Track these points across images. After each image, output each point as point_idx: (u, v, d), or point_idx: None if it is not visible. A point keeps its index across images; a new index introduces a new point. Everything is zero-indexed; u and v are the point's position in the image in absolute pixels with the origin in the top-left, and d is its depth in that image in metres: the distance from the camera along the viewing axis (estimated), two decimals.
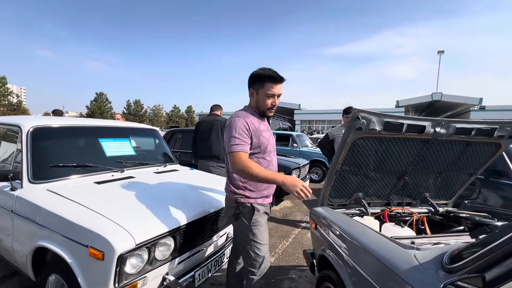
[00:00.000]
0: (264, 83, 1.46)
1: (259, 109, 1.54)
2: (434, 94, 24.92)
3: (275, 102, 1.51)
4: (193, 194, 2.05)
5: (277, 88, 1.47)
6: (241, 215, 1.50)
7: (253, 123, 1.48)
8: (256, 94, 1.50)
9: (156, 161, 2.79)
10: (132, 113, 42.92)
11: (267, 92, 1.46)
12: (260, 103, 1.51)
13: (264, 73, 1.45)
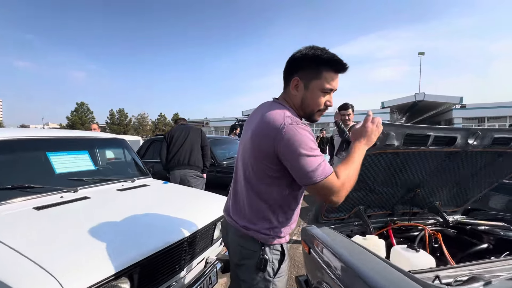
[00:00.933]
0: (321, 71, 0.93)
1: (304, 110, 1.00)
2: (417, 94, 25.49)
3: (331, 102, 0.99)
4: (161, 215, 1.69)
5: (337, 81, 0.97)
6: (268, 264, 0.99)
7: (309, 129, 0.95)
8: (305, 88, 0.96)
9: (123, 175, 2.41)
10: (116, 122, 41.61)
11: (324, 86, 0.94)
12: (310, 101, 0.97)
13: (323, 55, 0.92)
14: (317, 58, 0.92)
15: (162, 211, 1.72)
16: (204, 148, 3.25)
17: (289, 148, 0.86)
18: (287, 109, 0.96)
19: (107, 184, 2.09)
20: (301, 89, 0.97)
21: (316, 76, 0.94)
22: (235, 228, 1.07)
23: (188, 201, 1.99)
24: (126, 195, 1.93)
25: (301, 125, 0.88)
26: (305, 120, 1.02)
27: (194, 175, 3.06)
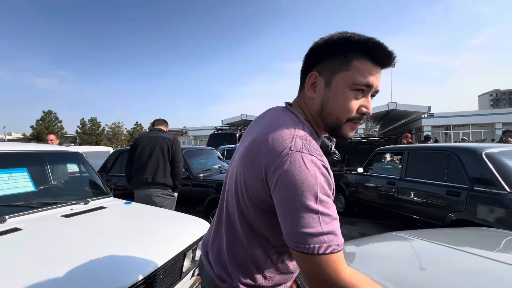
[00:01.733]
0: (350, 60, 0.62)
1: (325, 121, 0.67)
2: (389, 103, 26.79)
3: (370, 109, 0.66)
4: (113, 250, 1.35)
5: (377, 75, 0.64)
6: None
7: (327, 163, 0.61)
8: (325, 86, 0.65)
9: (75, 196, 2.03)
10: (87, 132, 39.30)
11: (356, 79, 0.62)
12: (334, 104, 0.64)
13: (354, 37, 0.61)
14: (345, 42, 0.61)
15: (115, 244, 1.38)
16: (173, 165, 2.68)
17: (285, 186, 0.55)
18: (301, 123, 0.65)
19: (51, 209, 1.71)
20: (321, 88, 0.65)
21: (343, 67, 0.62)
22: (209, 275, 0.76)
23: (151, 227, 1.66)
24: (72, 223, 1.56)
25: (315, 155, 0.57)
26: (324, 132, 0.71)
27: (161, 194, 2.59)
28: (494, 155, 2.72)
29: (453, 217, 2.83)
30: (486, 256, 1.14)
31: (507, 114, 24.58)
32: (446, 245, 1.30)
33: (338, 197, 5.25)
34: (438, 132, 25.56)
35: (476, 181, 2.70)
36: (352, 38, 0.61)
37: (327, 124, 0.67)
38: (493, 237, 1.52)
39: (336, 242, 0.53)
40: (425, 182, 3.29)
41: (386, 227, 4.32)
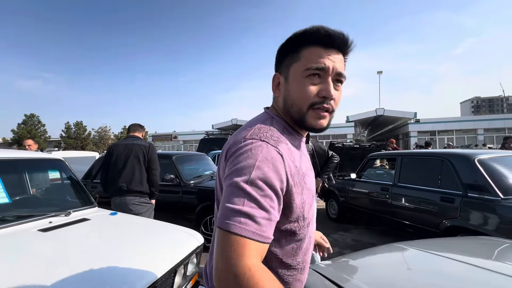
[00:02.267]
0: (300, 51, 0.63)
1: (290, 113, 0.66)
2: (377, 109, 27.41)
3: (330, 91, 0.61)
4: (94, 270, 1.21)
5: (332, 58, 0.62)
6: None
7: (293, 156, 0.62)
8: (285, 82, 0.66)
9: (55, 207, 1.87)
10: (72, 136, 38.05)
11: (309, 65, 0.61)
12: (292, 94, 0.64)
13: (298, 32, 0.64)
14: (292, 39, 0.65)
15: (97, 262, 1.24)
16: (149, 172, 2.62)
17: (230, 166, 0.56)
18: (270, 118, 0.67)
19: (27, 223, 1.56)
20: (282, 85, 0.67)
21: (295, 59, 0.64)
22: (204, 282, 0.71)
23: (139, 242, 1.53)
24: (49, 238, 1.41)
25: (269, 145, 0.57)
26: (300, 128, 0.69)
27: (137, 202, 2.52)
28: (487, 161, 2.74)
29: (447, 223, 2.82)
30: (486, 267, 1.09)
31: (488, 120, 25.65)
32: (447, 256, 1.25)
33: (331, 203, 5.21)
34: (424, 137, 26.30)
35: (469, 188, 2.71)
36: (297, 33, 0.64)
37: (293, 117, 0.67)
38: (494, 246, 1.48)
39: (252, 229, 0.49)
40: (418, 188, 3.28)
41: (379, 233, 4.30)
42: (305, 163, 0.68)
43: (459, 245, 1.56)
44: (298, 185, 0.61)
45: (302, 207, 0.62)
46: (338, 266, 1.32)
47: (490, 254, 1.36)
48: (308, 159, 0.75)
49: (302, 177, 0.63)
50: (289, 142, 0.64)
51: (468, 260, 1.20)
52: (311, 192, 0.68)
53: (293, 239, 0.64)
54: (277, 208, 0.55)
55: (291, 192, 0.58)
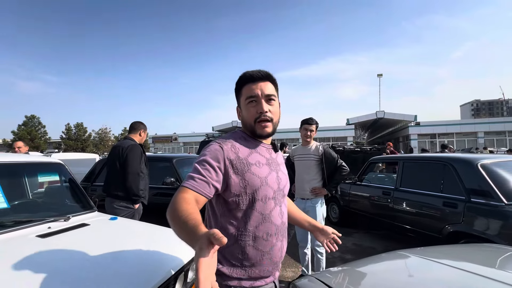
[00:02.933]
0: (241, 89, 1.01)
1: (248, 129, 1.01)
2: (378, 112, 27.41)
3: (263, 107, 0.95)
4: (92, 278, 1.18)
5: (259, 87, 0.97)
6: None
7: (237, 150, 0.94)
8: (241, 110, 1.03)
9: (55, 212, 1.85)
10: (73, 138, 38.04)
11: (247, 96, 0.98)
12: (244, 117, 1.01)
13: (240, 76, 1.02)
14: (237, 82, 1.02)
15: (97, 269, 1.22)
16: (123, 176, 2.47)
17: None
18: (234, 132, 1.03)
19: (25, 228, 1.53)
20: (240, 113, 1.04)
21: (240, 95, 1.01)
22: None
23: (138, 248, 1.50)
24: (48, 245, 1.38)
25: (219, 141, 0.95)
26: (257, 137, 1.01)
27: (116, 206, 2.50)
28: (490, 166, 2.72)
29: (450, 229, 2.79)
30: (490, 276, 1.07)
31: (488, 123, 25.62)
32: (451, 265, 1.23)
33: (332, 206, 5.18)
34: (425, 140, 26.27)
35: (472, 192, 2.69)
36: (239, 81, 1.01)
37: (250, 131, 1.00)
38: (498, 254, 1.46)
39: (190, 183, 0.84)
40: (421, 192, 3.26)
41: (380, 238, 4.27)
42: (256, 158, 0.96)
43: (463, 253, 1.54)
44: (238, 168, 0.90)
45: (243, 186, 0.90)
46: (342, 275, 1.30)
47: (493, 263, 1.34)
48: (271, 158, 1.03)
49: (246, 166, 0.92)
50: (240, 144, 0.97)
51: (471, 268, 1.18)
52: (263, 180, 0.94)
53: (238, 209, 0.93)
54: (215, 176, 0.87)
55: (227, 170, 0.90)
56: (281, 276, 2.88)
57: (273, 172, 0.98)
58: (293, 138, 29.28)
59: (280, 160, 1.09)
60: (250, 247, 0.91)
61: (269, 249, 0.94)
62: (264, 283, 0.95)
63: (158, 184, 3.68)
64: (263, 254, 0.93)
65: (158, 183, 3.66)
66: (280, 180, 1.01)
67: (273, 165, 1.01)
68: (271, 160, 1.02)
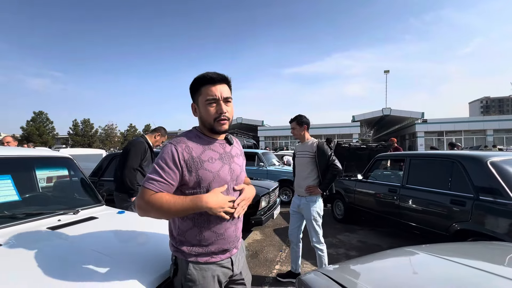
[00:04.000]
0: (200, 89, 1.10)
1: (206, 126, 1.12)
2: (384, 109, 27.07)
3: (223, 109, 1.08)
4: (102, 270, 1.21)
5: (218, 90, 1.08)
6: (178, 274, 1.09)
7: (190, 150, 1.06)
8: (198, 108, 1.13)
9: (64, 205, 1.89)
10: (80, 134, 38.58)
11: (206, 97, 1.07)
12: (203, 116, 1.11)
13: (198, 76, 1.11)
14: (195, 81, 1.11)
15: (107, 260, 1.24)
16: (122, 168, 2.57)
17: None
18: (188, 132, 1.14)
19: (37, 220, 1.57)
20: (197, 110, 1.14)
21: (199, 94, 1.10)
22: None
23: (145, 241, 1.53)
24: (58, 236, 1.42)
25: (173, 143, 1.06)
26: (211, 135, 1.13)
27: (117, 199, 2.65)
28: (499, 163, 2.67)
29: (457, 227, 2.76)
30: (499, 274, 1.06)
31: (498, 121, 25.07)
32: (459, 261, 1.22)
33: (337, 203, 5.16)
34: (431, 138, 25.88)
35: (481, 190, 2.65)
36: (196, 78, 1.10)
37: (207, 128, 1.11)
38: (507, 252, 1.43)
39: (147, 185, 1.00)
40: (428, 190, 3.22)
41: (386, 235, 4.25)
42: (209, 154, 1.08)
43: (471, 250, 1.52)
44: (191, 167, 1.03)
45: (198, 181, 1.04)
46: (347, 270, 1.30)
47: (503, 261, 1.32)
48: (224, 152, 1.14)
49: (199, 163, 1.04)
50: (193, 143, 1.08)
51: (480, 266, 1.16)
52: (215, 174, 1.06)
53: None
54: (173, 175, 1.01)
55: (183, 169, 1.03)
56: (285, 271, 2.90)
57: (225, 165, 1.11)
58: None
59: (234, 152, 1.20)
60: (206, 230, 1.07)
61: (223, 231, 1.09)
62: (219, 258, 1.10)
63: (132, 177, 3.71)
64: (218, 235, 1.08)
65: None
66: (233, 171, 1.14)
67: (226, 159, 1.13)
68: (224, 154, 1.14)
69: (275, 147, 25.06)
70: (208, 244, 1.07)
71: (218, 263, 1.10)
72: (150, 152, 2.79)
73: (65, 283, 1.01)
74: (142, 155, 2.65)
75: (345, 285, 1.06)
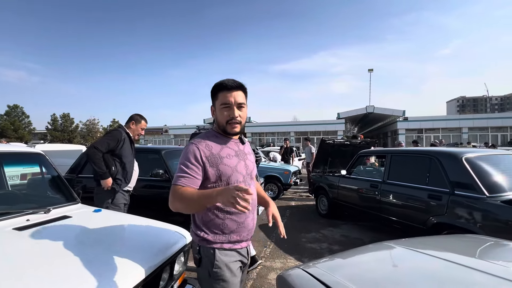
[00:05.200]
0: (217, 94, 1.22)
1: (220, 127, 1.26)
2: (368, 107, 27.74)
3: (234, 113, 1.20)
4: (71, 273, 1.13)
5: (233, 96, 1.19)
6: (203, 262, 1.20)
7: (210, 148, 1.19)
8: (215, 110, 1.25)
9: (34, 204, 1.77)
10: (59, 129, 36.86)
11: (222, 102, 1.20)
12: (218, 118, 1.24)
13: (216, 83, 1.24)
14: (214, 87, 1.24)
15: (77, 262, 1.17)
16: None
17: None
18: (208, 132, 1.28)
19: (2, 220, 1.46)
20: (214, 112, 1.26)
21: (216, 98, 1.23)
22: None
23: (121, 240, 1.46)
24: (24, 238, 1.33)
25: (195, 143, 1.18)
26: (226, 135, 1.26)
27: (99, 198, 2.59)
28: (474, 159, 2.79)
29: (434, 220, 2.87)
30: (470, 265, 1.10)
31: (472, 119, 26.39)
32: (433, 255, 1.26)
33: (321, 199, 5.24)
34: (412, 135, 26.85)
35: (456, 185, 2.76)
36: (216, 84, 1.23)
37: (221, 128, 1.24)
38: (478, 245, 1.50)
39: (177, 179, 1.12)
40: (407, 185, 3.33)
41: (368, 229, 4.37)
42: (226, 151, 1.21)
43: (445, 244, 1.58)
44: (213, 162, 1.16)
45: (218, 175, 1.17)
46: (327, 266, 1.31)
47: (474, 253, 1.37)
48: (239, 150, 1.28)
49: (219, 159, 1.17)
50: (212, 142, 1.21)
51: (453, 258, 1.20)
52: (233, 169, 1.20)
53: None
54: (198, 171, 1.14)
55: (205, 165, 1.15)
56: (269, 267, 2.91)
57: (241, 161, 1.25)
58: (284, 132, 29.35)
59: (247, 151, 1.33)
60: (228, 219, 1.19)
61: (244, 220, 1.22)
62: (239, 246, 1.23)
63: (147, 176, 3.61)
64: (239, 224, 1.21)
65: (146, 175, 3.59)
66: (247, 167, 1.28)
67: (241, 156, 1.26)
68: (239, 151, 1.27)
69: (262, 144, 25.09)
70: (230, 232, 1.19)
71: (238, 250, 1.22)
72: (130, 141, 2.75)
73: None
74: (116, 142, 2.59)
75: (325, 282, 1.07)
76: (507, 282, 0.94)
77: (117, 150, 2.60)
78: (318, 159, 6.07)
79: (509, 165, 2.94)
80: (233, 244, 1.21)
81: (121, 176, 2.63)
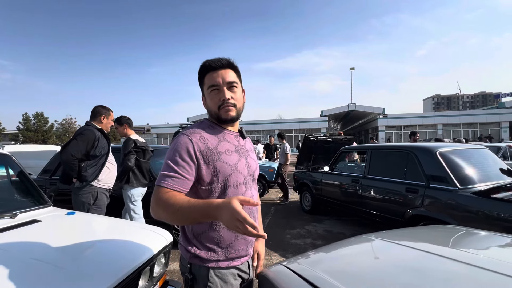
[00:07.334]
0: (204, 78, 1.02)
1: (213, 115, 1.03)
2: (350, 105, 28.50)
3: (225, 95, 0.97)
4: (38, 282, 1.06)
5: (220, 76, 0.98)
6: (196, 285, 0.96)
7: (206, 141, 0.96)
8: (206, 98, 1.04)
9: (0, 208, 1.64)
10: (32, 128, 34.80)
11: (209, 85, 0.99)
12: (209, 105, 1.02)
13: (201, 64, 1.03)
14: (199, 71, 1.03)
15: (45, 268, 1.09)
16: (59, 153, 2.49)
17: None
18: (201, 122, 1.04)
19: None
20: (205, 101, 1.05)
21: (203, 83, 1.03)
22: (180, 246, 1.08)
23: (95, 243, 1.38)
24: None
25: (187, 134, 0.95)
26: (223, 122, 1.03)
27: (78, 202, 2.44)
28: (447, 154, 2.93)
29: (411, 213, 2.99)
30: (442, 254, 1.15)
31: (446, 116, 27.86)
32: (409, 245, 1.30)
33: (305, 195, 5.31)
34: (391, 131, 27.91)
35: (431, 179, 2.89)
36: (200, 69, 1.01)
37: (214, 117, 1.02)
38: (450, 234, 1.57)
39: (161, 183, 0.88)
40: (386, 180, 3.44)
41: (350, 224, 4.48)
42: (225, 146, 0.99)
43: (420, 235, 1.64)
44: (208, 159, 0.93)
45: (215, 174, 0.94)
46: (308, 261, 1.31)
47: (447, 242, 1.44)
48: (239, 144, 1.06)
49: (216, 154, 0.95)
50: (208, 134, 0.98)
51: (427, 248, 1.25)
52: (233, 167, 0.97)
53: (211, 196, 0.96)
54: (189, 170, 0.90)
55: (199, 162, 0.92)
56: None
57: (242, 159, 1.02)
58: (269, 130, 29.49)
59: (249, 147, 1.11)
60: (224, 230, 0.96)
61: None
62: (239, 262, 1.01)
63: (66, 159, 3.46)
64: (237, 235, 0.98)
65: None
66: (250, 166, 1.05)
67: (242, 152, 1.04)
68: (240, 147, 1.05)
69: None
70: (227, 246, 0.97)
71: (238, 267, 1.01)
72: (105, 138, 2.54)
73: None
74: (91, 144, 2.39)
75: (305, 277, 1.07)
76: (477, 269, 0.98)
77: (92, 151, 2.41)
78: (301, 156, 6.14)
79: (479, 158, 3.12)
80: (231, 261, 0.99)
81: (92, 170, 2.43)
